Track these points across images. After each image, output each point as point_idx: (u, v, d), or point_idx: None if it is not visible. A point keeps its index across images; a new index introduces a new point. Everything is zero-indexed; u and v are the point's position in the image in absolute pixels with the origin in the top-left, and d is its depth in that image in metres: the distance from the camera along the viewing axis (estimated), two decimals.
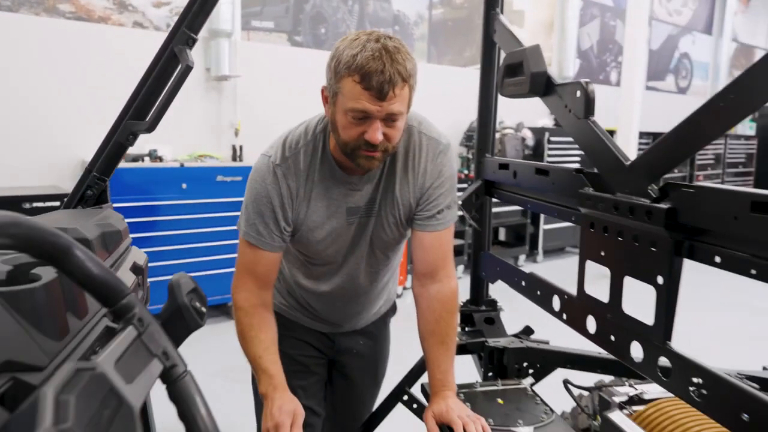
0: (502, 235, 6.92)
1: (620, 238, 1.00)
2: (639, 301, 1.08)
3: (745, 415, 0.75)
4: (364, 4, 5.46)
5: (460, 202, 1.67)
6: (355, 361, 1.61)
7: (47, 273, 0.78)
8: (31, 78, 3.87)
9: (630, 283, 1.01)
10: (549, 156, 6.42)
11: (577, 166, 5.34)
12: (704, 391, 0.82)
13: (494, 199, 1.71)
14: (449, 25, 6.17)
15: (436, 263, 1.37)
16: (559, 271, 6.33)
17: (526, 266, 6.48)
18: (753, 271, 0.77)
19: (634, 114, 5.66)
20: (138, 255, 1.34)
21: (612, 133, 6.31)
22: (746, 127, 10.28)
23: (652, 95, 8.64)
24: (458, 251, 5.96)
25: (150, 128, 1.43)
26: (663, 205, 0.88)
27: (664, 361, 0.91)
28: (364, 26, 5.49)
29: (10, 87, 3.80)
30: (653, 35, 8.63)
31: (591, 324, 1.11)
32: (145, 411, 1.22)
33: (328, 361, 1.62)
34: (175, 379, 0.67)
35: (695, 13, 9.38)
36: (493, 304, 1.75)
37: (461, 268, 5.74)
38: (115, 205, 4.01)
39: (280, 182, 1.29)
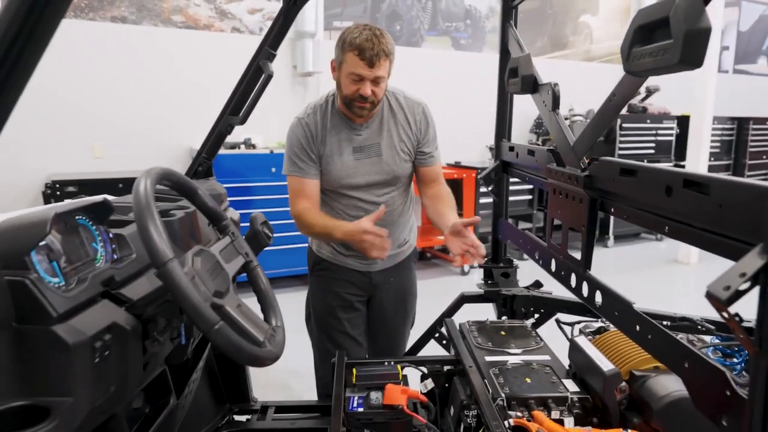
0: None
1: (566, 199, 1.38)
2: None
3: (616, 312, 1.12)
4: (437, 0, 5.83)
5: (481, 178, 2.07)
6: (389, 294, 2.08)
7: (179, 214, 1.30)
8: (150, 79, 4.62)
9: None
10: (621, 143, 6.44)
11: (651, 152, 5.40)
12: (602, 301, 1.19)
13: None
14: (521, 16, 6.38)
15: (433, 180, 2.03)
16: (630, 257, 6.35)
17: (596, 251, 6.58)
18: (625, 216, 1.13)
19: (707, 99, 5.65)
20: (234, 213, 1.86)
21: (687, 118, 6.28)
22: None
23: (741, 78, 8.35)
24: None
25: (242, 121, 1.95)
26: (583, 174, 1.26)
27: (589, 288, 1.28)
28: (437, 22, 5.87)
29: (134, 87, 4.56)
30: (743, 16, 8.32)
31: (553, 265, 1.49)
32: None
33: (367, 300, 2.09)
34: (252, 269, 1.15)
35: None
36: (509, 262, 2.13)
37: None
38: None
39: (305, 129, 1.89)
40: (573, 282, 1.35)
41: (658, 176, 0.97)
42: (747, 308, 0.76)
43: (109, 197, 1.39)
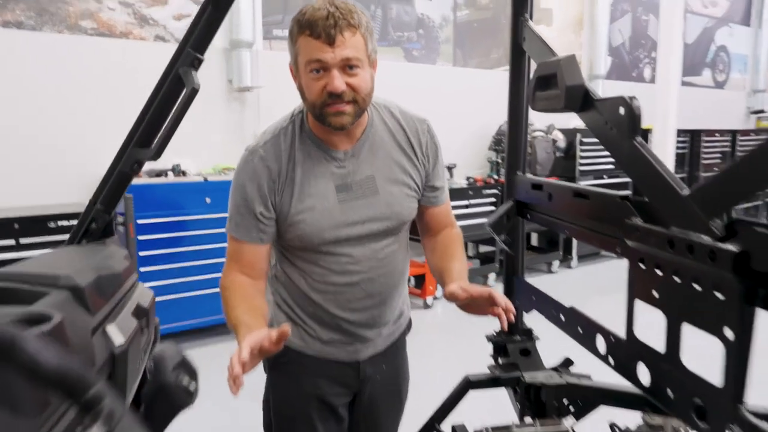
0: (534, 240, 6.73)
1: (677, 279, 0.86)
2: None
3: None
4: (387, 8, 5.36)
5: (489, 226, 1.55)
6: (380, 387, 1.53)
7: (31, 335, 0.69)
8: (57, 96, 3.88)
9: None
10: (581, 158, 6.20)
11: (611, 168, 5.09)
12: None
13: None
14: (475, 26, 6.02)
15: (444, 225, 1.52)
16: (596, 277, 6.11)
17: (560, 272, 6.25)
18: None
19: (670, 111, 5.43)
20: (143, 294, 1.25)
21: (648, 131, 6.06)
22: None
23: (688, 91, 8.32)
24: (489, 258, 5.81)
25: (156, 155, 1.34)
26: (732, 248, 0.74)
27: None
28: (388, 31, 5.39)
29: (37, 106, 3.81)
30: (688, 28, 8.32)
31: (643, 374, 0.98)
32: None
33: (352, 399, 1.52)
34: None
35: (732, 4, 9.01)
36: (528, 334, 1.62)
37: (492, 276, 5.59)
38: (140, 221, 3.96)
39: (257, 167, 1.30)
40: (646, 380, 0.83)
41: None
42: None
43: None
